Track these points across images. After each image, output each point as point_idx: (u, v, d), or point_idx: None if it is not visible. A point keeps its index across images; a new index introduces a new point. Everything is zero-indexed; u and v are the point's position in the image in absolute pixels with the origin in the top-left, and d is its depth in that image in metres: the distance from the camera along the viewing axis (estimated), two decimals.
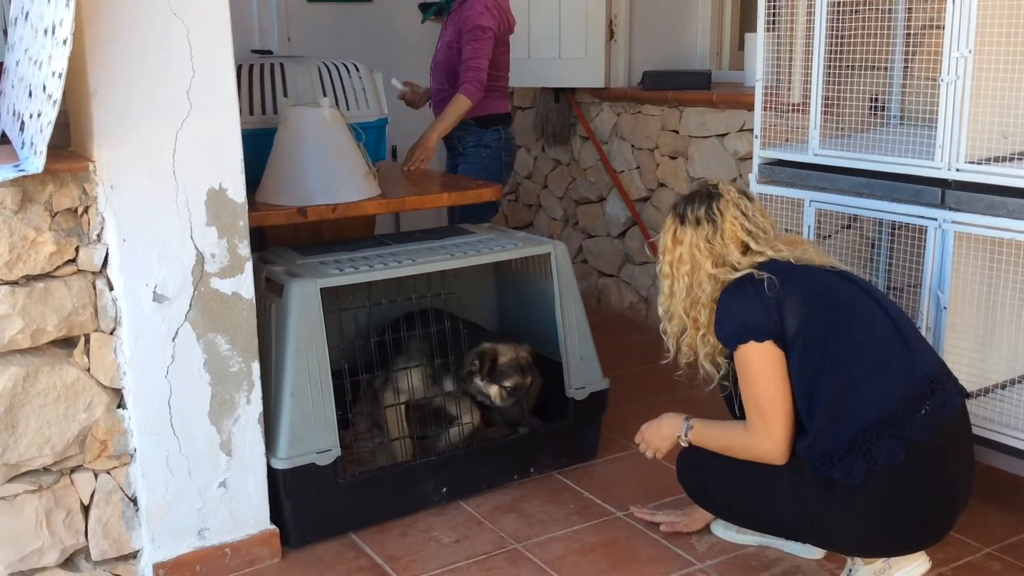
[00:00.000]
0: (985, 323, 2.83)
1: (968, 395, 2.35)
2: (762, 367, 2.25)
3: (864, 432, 2.15)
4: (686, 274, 2.37)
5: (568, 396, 3.14)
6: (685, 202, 2.43)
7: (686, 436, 2.49)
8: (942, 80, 2.62)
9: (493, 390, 2.98)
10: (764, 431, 2.28)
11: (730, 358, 2.34)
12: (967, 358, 2.71)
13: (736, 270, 2.31)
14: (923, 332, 2.71)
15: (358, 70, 3.43)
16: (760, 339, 2.24)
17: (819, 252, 2.40)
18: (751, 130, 3.26)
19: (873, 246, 3.15)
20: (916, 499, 2.19)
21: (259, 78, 3.28)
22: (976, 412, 2.67)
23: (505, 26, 3.95)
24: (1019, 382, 2.90)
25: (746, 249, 2.34)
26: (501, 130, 4.06)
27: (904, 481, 2.16)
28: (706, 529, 2.76)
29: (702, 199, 2.39)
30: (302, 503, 2.72)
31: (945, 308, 2.71)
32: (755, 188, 3.15)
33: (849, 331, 2.25)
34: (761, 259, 2.31)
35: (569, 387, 3.13)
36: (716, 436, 2.45)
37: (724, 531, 2.74)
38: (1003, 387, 2.86)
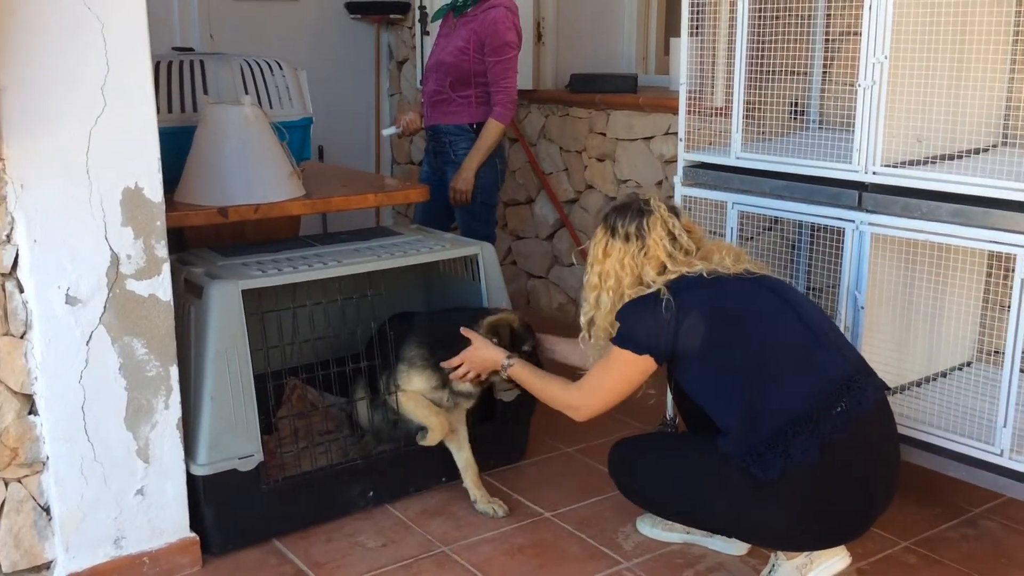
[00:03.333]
0: (901, 322, 2.91)
1: (889, 389, 2.40)
2: (624, 370, 2.42)
3: (780, 431, 2.19)
4: (611, 288, 2.44)
5: (496, 398, 3.13)
6: (616, 214, 2.46)
7: (506, 369, 2.70)
8: (859, 85, 2.69)
9: (502, 378, 2.83)
10: (585, 396, 2.50)
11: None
12: (884, 357, 2.77)
13: (647, 289, 2.39)
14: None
15: (281, 68, 3.37)
16: (638, 352, 2.37)
17: (736, 259, 2.44)
18: (676, 133, 3.30)
19: (793, 248, 3.21)
20: (834, 495, 2.23)
21: (178, 75, 3.20)
22: (894, 409, 2.74)
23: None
24: (934, 380, 2.99)
25: (663, 269, 2.40)
26: None
27: (821, 477, 2.20)
28: (632, 527, 2.78)
29: (634, 214, 2.44)
30: (223, 510, 2.66)
31: (862, 308, 2.77)
32: (680, 191, 3.19)
33: (757, 338, 2.32)
34: (672, 277, 2.37)
35: (498, 389, 3.12)
36: (534, 379, 2.67)
37: (650, 529, 2.76)
38: (919, 385, 2.94)
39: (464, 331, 2.77)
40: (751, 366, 2.29)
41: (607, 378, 2.46)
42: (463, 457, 2.98)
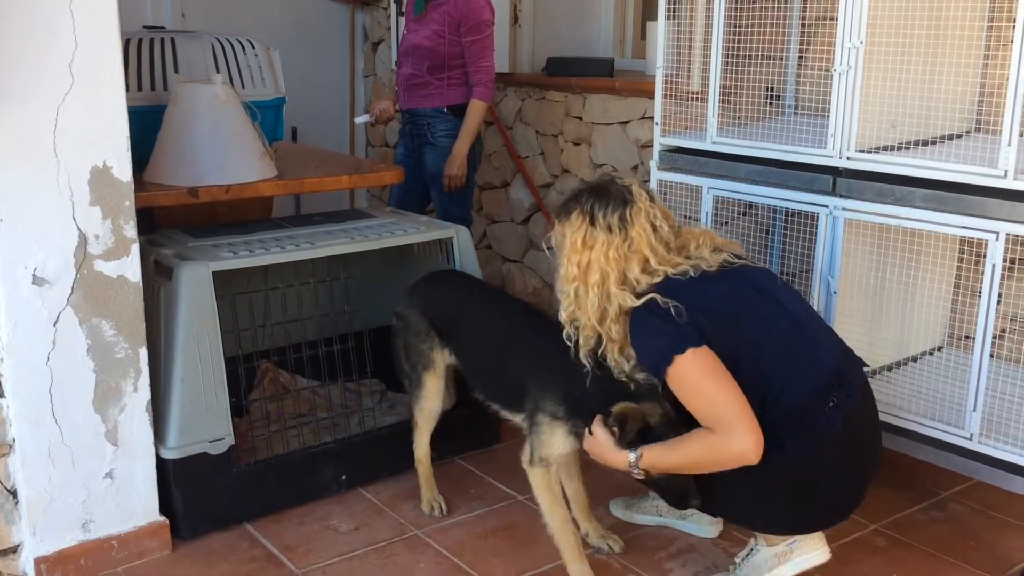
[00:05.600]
0: (873, 308, 2.93)
1: (867, 366, 2.37)
2: (704, 373, 2.11)
3: (774, 428, 2.12)
4: (596, 284, 2.23)
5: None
6: (595, 201, 2.25)
7: (637, 468, 2.20)
8: (835, 70, 2.69)
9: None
10: (734, 431, 2.08)
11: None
12: (856, 342, 2.77)
13: (635, 293, 2.21)
14: None
15: (254, 47, 3.33)
16: (688, 346, 2.11)
17: (713, 248, 2.31)
18: (652, 118, 3.29)
19: (768, 233, 3.21)
20: (825, 485, 2.21)
21: (148, 53, 3.15)
22: None
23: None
24: (905, 364, 3.01)
25: (646, 265, 2.23)
26: None
27: (815, 470, 2.18)
28: (605, 510, 2.78)
29: (616, 204, 2.23)
30: (193, 493, 2.64)
31: (835, 293, 2.78)
32: (655, 175, 3.19)
33: (749, 339, 2.19)
34: (658, 279, 2.21)
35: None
36: (673, 458, 2.18)
37: (623, 512, 2.77)
38: (890, 369, 2.96)
39: (595, 426, 2.25)
40: (746, 368, 2.16)
41: (708, 392, 2.11)
42: (572, 487, 2.62)
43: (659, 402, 2.21)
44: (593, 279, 2.22)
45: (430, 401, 2.78)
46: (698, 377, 2.12)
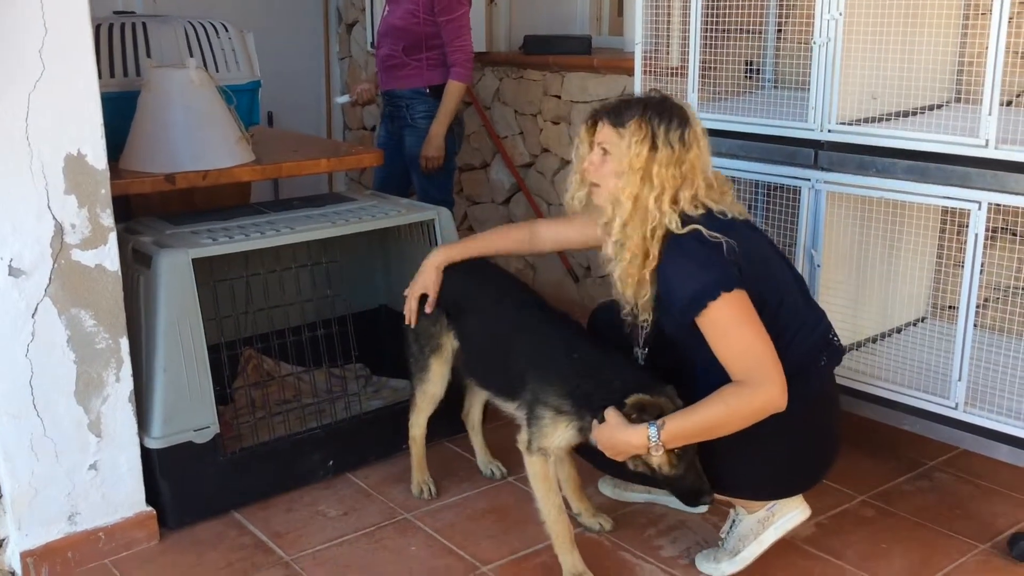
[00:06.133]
0: (856, 280, 2.93)
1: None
2: (744, 316, 2.05)
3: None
4: (654, 197, 2.10)
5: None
6: (655, 114, 2.13)
7: (658, 440, 2.09)
8: (814, 42, 2.68)
9: (657, 457, 2.15)
10: (765, 378, 2.04)
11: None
12: (840, 314, 2.79)
13: (683, 218, 2.12)
14: None
15: (227, 30, 3.28)
16: (734, 286, 2.05)
17: (733, 198, 2.27)
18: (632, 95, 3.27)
19: (750, 207, 3.21)
20: (810, 444, 2.26)
21: (120, 38, 3.10)
22: (849, 365, 2.77)
23: None
24: (889, 336, 3.02)
25: (695, 192, 2.14)
26: None
27: (804, 427, 2.21)
28: (594, 489, 2.78)
29: (678, 121, 2.13)
30: (180, 483, 2.62)
31: (819, 266, 2.79)
32: None
33: (771, 289, 2.17)
34: (701, 212, 2.13)
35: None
36: (698, 424, 2.09)
37: (612, 490, 2.77)
38: (873, 341, 2.97)
39: (608, 412, 2.17)
40: (766, 320, 2.12)
41: (746, 336, 2.06)
42: (564, 469, 2.58)
43: (672, 398, 2.16)
44: (650, 193, 2.12)
45: (433, 385, 2.72)
46: (738, 320, 2.06)
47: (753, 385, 2.05)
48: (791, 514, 2.35)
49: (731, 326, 2.07)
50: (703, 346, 2.12)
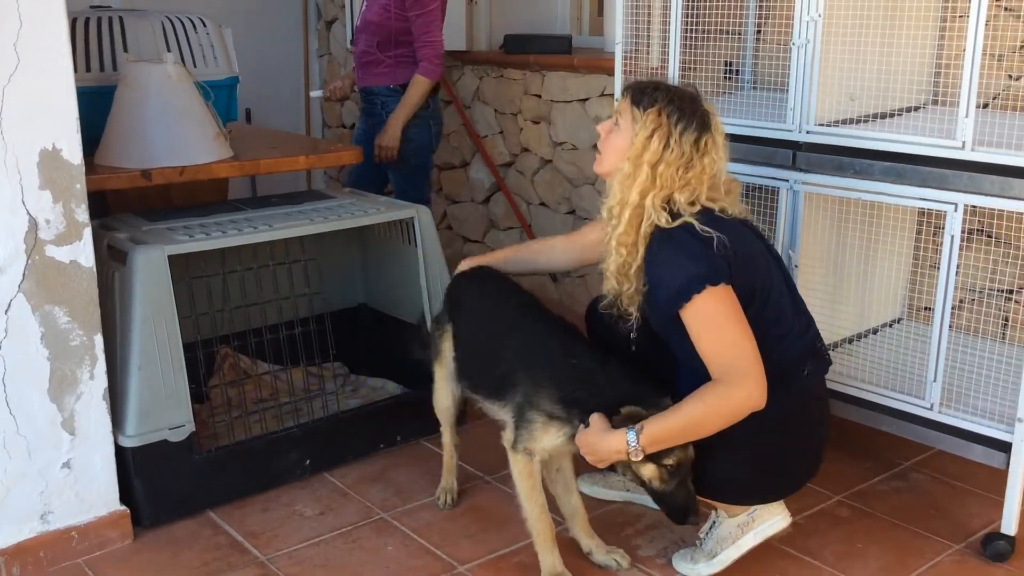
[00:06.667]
0: (834, 280, 2.95)
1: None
2: (729, 311, 2.04)
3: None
4: (641, 191, 2.11)
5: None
6: (677, 111, 2.11)
7: (637, 445, 2.08)
8: (793, 44, 2.69)
9: (648, 471, 2.13)
10: (744, 376, 2.02)
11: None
12: (817, 314, 2.78)
13: (672, 214, 2.12)
14: None
15: (205, 25, 3.26)
16: (720, 280, 2.04)
17: (738, 198, 2.27)
18: (612, 95, 3.28)
19: None
20: (792, 451, 2.26)
21: (96, 32, 3.07)
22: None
23: None
24: (865, 336, 3.04)
25: (694, 197, 2.13)
26: (430, 99, 3.89)
27: (785, 433, 2.21)
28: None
29: (695, 126, 2.11)
30: (154, 482, 2.60)
31: (796, 267, 2.79)
32: None
33: (758, 291, 2.16)
34: (697, 210, 2.12)
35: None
36: (676, 425, 2.06)
37: (591, 488, 2.77)
38: (850, 341, 2.98)
39: (592, 417, 2.15)
40: (751, 317, 2.12)
41: (729, 333, 2.04)
42: (571, 502, 2.47)
43: (661, 399, 2.13)
44: (641, 185, 2.11)
45: (438, 394, 2.68)
46: (722, 314, 2.05)
47: (732, 383, 2.04)
48: (771, 520, 2.36)
49: (714, 320, 2.06)
50: (686, 342, 2.12)
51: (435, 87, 3.91)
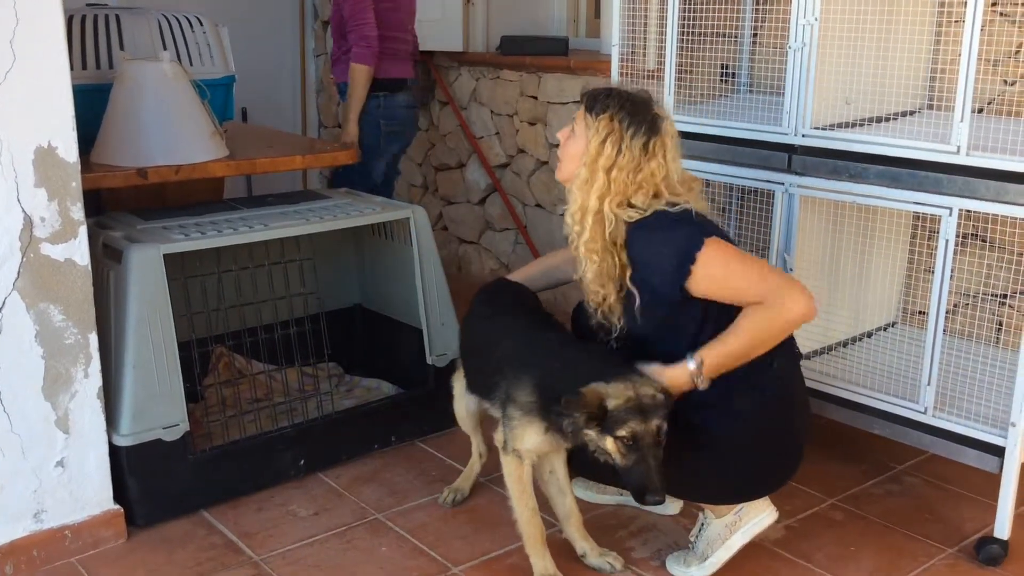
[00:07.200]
0: (829, 284, 2.95)
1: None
2: (733, 254, 2.12)
3: (725, 383, 2.17)
4: (598, 196, 2.16)
5: (429, 363, 3.10)
6: (627, 116, 2.16)
7: (701, 373, 2.13)
8: (789, 47, 2.69)
9: (608, 444, 2.13)
10: (786, 291, 2.10)
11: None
12: None
13: (638, 209, 2.17)
14: None
15: (202, 24, 3.25)
16: (709, 235, 2.11)
17: (699, 195, 2.30)
18: None
19: (724, 210, 3.22)
20: (767, 447, 2.27)
21: (93, 30, 3.06)
22: (820, 369, 2.80)
23: None
24: (860, 340, 3.05)
25: (653, 194, 2.18)
26: (382, 97, 3.89)
27: (758, 430, 2.23)
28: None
29: (647, 128, 2.16)
30: (148, 481, 2.59)
31: (792, 270, 2.80)
32: None
33: None
34: (660, 206, 2.18)
35: (430, 354, 3.10)
36: (734, 341, 2.12)
37: (584, 492, 2.77)
38: (844, 345, 2.99)
39: (641, 366, 2.18)
40: (713, 314, 2.17)
41: (750, 267, 2.13)
42: (565, 504, 2.46)
43: (634, 381, 2.11)
44: (599, 191, 2.16)
45: (456, 404, 2.70)
46: (734, 253, 2.12)
47: (782, 299, 2.09)
48: (758, 518, 2.36)
49: (730, 262, 2.12)
50: (682, 339, 2.14)
51: (398, 83, 3.92)
